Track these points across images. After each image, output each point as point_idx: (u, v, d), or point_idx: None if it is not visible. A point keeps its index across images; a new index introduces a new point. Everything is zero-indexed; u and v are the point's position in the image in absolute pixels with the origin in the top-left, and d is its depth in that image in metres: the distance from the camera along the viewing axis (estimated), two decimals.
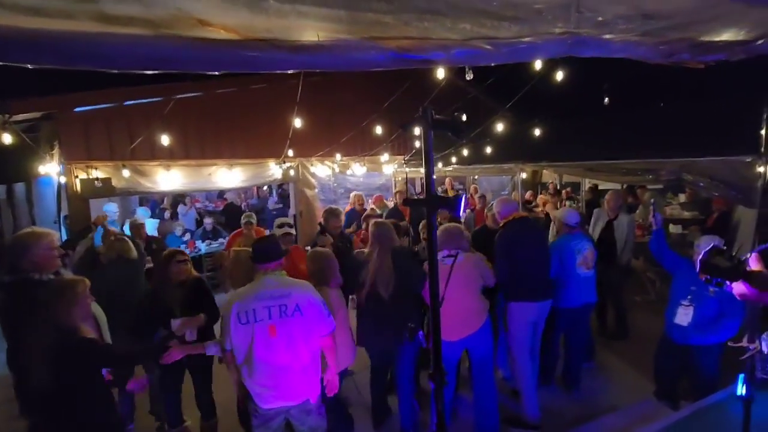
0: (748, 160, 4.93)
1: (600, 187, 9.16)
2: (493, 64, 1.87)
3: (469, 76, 2.88)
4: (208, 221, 8.74)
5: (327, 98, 5.10)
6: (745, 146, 4.96)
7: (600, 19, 2.03)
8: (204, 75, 6.74)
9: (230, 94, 6.65)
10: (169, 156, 6.66)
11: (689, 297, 2.94)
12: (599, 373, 4.31)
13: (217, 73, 1.59)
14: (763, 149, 4.85)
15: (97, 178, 5.65)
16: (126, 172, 6.11)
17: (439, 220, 5.82)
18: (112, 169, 6.06)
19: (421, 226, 4.25)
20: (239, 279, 2.76)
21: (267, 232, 5.28)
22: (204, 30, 1.30)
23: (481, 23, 1.74)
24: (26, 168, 5.86)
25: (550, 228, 5.97)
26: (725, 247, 2.76)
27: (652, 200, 3.06)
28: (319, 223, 4.72)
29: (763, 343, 1.46)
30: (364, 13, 1.51)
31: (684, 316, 2.93)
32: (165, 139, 5.86)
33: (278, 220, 3.95)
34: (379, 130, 6.89)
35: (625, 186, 7.87)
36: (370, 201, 7.70)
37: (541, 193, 9.01)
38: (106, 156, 6.14)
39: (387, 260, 3.14)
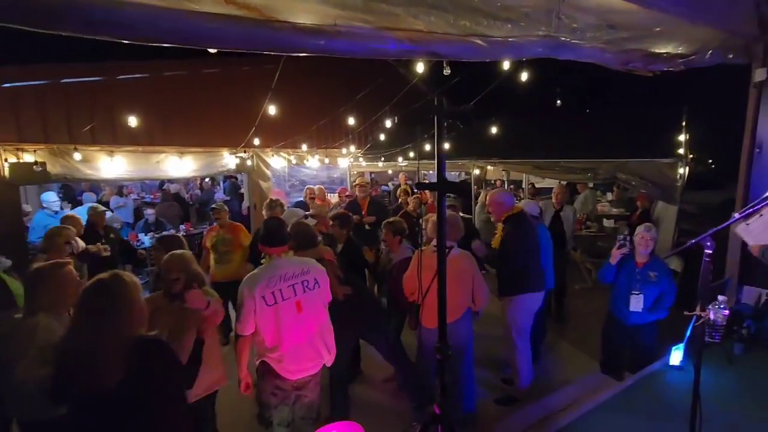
0: (670, 161, 5.67)
1: (537, 185, 9.92)
2: (488, 60, 2.00)
3: (447, 71, 3.00)
4: (149, 213, 8.24)
5: (290, 88, 5.01)
6: (668, 150, 5.69)
7: (575, 26, 2.26)
8: (153, 56, 6.33)
9: (182, 78, 6.28)
10: (112, 141, 6.14)
11: (637, 286, 3.32)
12: (549, 352, 4.71)
13: (240, 51, 1.54)
14: (682, 153, 5.60)
15: (35, 162, 5.09)
16: (62, 157, 5.55)
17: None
18: (46, 152, 5.47)
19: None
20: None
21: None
22: (227, 8, 1.28)
23: (479, 21, 1.88)
24: None
25: None
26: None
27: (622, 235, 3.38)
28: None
29: (711, 312, 1.74)
30: (378, 4, 1.58)
31: (636, 303, 3.33)
32: (109, 123, 5.40)
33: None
34: (345, 121, 6.81)
35: (561, 182, 8.61)
36: (331, 195, 7.60)
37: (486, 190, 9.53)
38: (40, 138, 5.53)
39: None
